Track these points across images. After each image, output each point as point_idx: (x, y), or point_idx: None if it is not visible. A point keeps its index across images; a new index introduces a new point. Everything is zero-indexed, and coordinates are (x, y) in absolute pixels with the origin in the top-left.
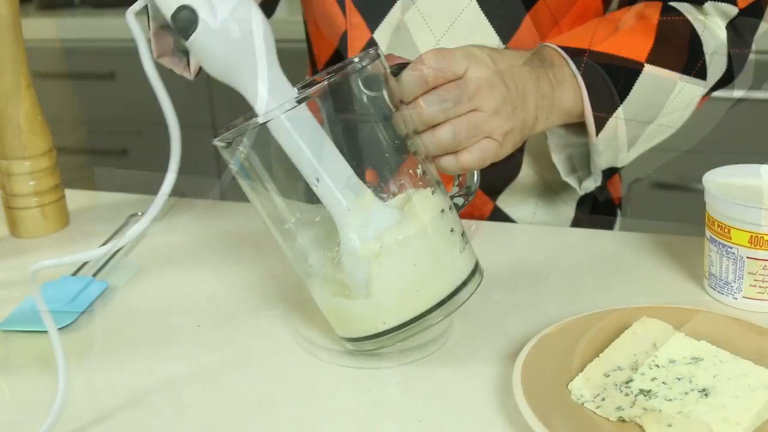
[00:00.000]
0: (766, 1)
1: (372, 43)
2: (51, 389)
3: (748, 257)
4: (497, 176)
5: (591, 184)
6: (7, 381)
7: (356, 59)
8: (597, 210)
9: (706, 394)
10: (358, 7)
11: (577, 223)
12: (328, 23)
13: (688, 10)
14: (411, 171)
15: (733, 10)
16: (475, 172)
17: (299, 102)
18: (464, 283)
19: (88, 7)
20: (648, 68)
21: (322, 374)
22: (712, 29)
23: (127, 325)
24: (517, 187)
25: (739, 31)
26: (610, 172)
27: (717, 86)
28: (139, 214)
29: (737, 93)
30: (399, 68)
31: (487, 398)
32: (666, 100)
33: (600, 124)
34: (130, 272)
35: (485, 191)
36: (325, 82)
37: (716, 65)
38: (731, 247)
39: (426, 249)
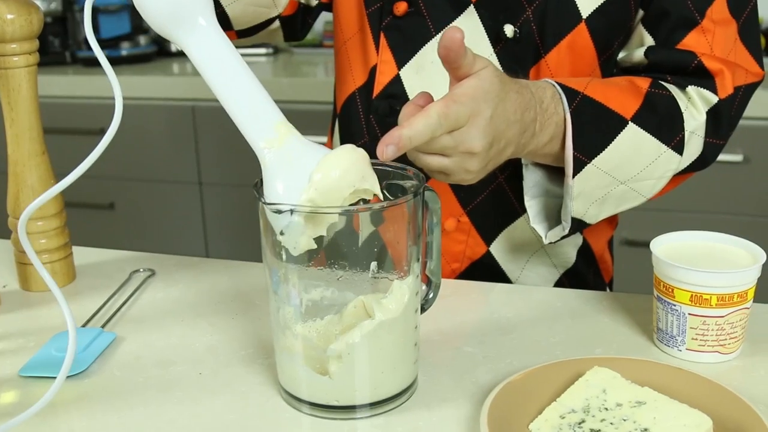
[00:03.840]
0: (743, 99)
1: (398, 79)
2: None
3: (689, 314)
4: (496, 215)
5: (558, 233)
6: (24, 424)
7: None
8: (586, 285)
9: None
10: (391, 45)
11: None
12: (363, 56)
13: (673, 90)
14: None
15: (713, 98)
16: (436, 292)
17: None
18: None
19: (79, 65)
20: (632, 126)
21: (310, 417)
22: (693, 110)
23: (134, 372)
24: (512, 237)
25: (717, 121)
26: (580, 229)
27: (688, 169)
28: (141, 270)
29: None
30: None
31: None
32: (643, 163)
33: (578, 167)
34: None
35: (481, 232)
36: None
37: (693, 145)
38: (675, 305)
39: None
